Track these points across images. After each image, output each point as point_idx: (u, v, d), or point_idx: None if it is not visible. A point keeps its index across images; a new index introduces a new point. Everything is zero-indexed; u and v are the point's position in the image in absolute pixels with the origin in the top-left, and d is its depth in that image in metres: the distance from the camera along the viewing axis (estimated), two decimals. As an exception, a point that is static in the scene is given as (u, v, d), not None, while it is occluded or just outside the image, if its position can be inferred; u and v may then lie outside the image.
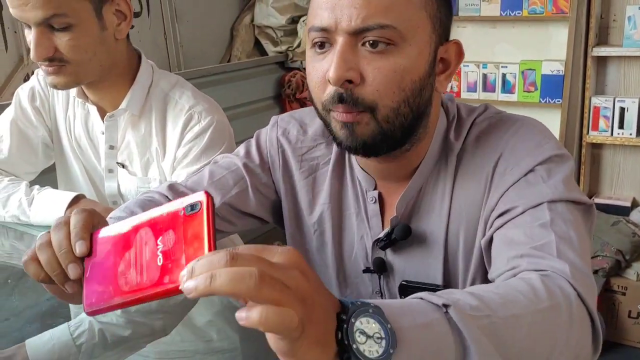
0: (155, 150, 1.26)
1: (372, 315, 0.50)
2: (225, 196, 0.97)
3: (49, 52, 1.12)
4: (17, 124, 1.34)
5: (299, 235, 0.99)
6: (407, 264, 0.89)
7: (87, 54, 1.15)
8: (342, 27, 0.74)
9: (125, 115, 1.26)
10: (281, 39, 3.20)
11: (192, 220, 0.53)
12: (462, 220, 0.84)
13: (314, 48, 0.79)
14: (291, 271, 0.47)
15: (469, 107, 0.90)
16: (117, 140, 1.28)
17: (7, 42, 2.15)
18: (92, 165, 1.35)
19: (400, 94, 0.76)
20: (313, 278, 0.49)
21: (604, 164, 2.83)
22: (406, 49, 0.75)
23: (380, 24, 0.73)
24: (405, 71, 0.76)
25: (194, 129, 1.22)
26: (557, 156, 0.80)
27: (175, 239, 0.54)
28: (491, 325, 0.56)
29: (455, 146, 0.85)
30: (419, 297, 0.57)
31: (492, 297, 0.59)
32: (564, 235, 0.71)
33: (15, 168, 1.35)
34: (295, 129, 0.98)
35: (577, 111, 2.71)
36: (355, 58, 0.75)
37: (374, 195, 0.90)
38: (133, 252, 0.57)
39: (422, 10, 0.76)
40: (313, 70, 0.79)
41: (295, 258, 0.48)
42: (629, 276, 2.50)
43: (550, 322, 0.60)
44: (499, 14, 2.71)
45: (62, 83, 1.17)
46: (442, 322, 0.54)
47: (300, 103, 3.13)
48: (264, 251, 0.48)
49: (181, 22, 2.84)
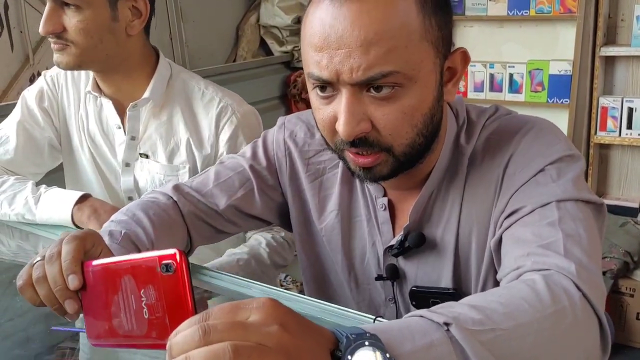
0: (187, 139, 1.28)
1: (369, 347, 0.49)
2: (230, 198, 0.96)
3: (55, 28, 1.15)
4: (23, 125, 1.34)
5: (308, 239, 0.99)
6: (419, 270, 0.88)
7: (93, 40, 1.17)
8: (344, 80, 0.72)
9: (148, 105, 1.28)
10: (287, 39, 3.19)
11: (169, 280, 0.56)
12: (473, 223, 0.83)
13: (316, 89, 0.76)
14: (269, 328, 0.45)
15: (478, 108, 0.89)
16: (139, 131, 1.29)
17: (13, 42, 2.15)
18: (106, 161, 1.35)
19: (414, 130, 0.76)
20: (294, 326, 0.47)
21: (612, 164, 2.81)
22: (412, 87, 0.73)
23: (383, 73, 0.71)
24: (415, 109, 0.74)
25: (230, 123, 1.25)
26: (568, 156, 0.79)
27: (157, 295, 0.58)
28: (496, 339, 0.55)
29: (466, 150, 0.84)
30: (419, 315, 0.56)
31: (495, 308, 0.58)
32: (572, 233, 0.70)
33: (21, 169, 1.35)
34: (302, 131, 0.97)
35: (584, 111, 2.69)
36: (362, 108, 0.73)
37: (383, 203, 0.89)
38: (121, 296, 0.61)
39: (423, 41, 0.73)
40: (319, 113, 0.78)
41: (272, 310, 0.47)
42: (637, 278, 2.48)
43: (557, 328, 0.59)
44: (506, 13, 2.70)
45: (65, 62, 1.19)
46: (444, 342, 0.53)
47: (306, 103, 3.13)
48: (238, 312, 0.47)
49: (187, 21, 2.83)
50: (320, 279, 1.00)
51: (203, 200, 0.97)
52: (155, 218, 0.90)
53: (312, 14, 0.74)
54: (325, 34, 0.71)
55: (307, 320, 0.50)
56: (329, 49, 0.71)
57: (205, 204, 0.97)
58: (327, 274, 0.99)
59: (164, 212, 0.93)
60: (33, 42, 2.21)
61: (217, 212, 0.97)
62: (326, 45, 0.71)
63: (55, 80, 1.37)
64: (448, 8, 0.79)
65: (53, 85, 1.36)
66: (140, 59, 1.26)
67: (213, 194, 0.97)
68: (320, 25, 0.72)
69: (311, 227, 0.98)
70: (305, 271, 1.02)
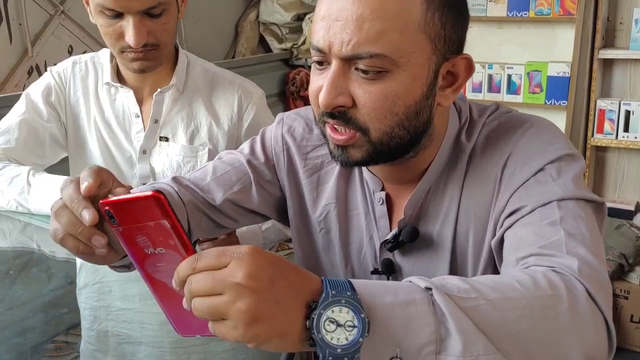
0: (208, 122, 1.34)
1: (345, 304, 0.53)
2: (227, 192, 0.97)
3: (146, 37, 1.19)
4: (26, 118, 1.35)
5: (306, 233, 0.99)
6: (415, 266, 0.88)
7: (172, 37, 1.26)
8: (334, 52, 0.73)
9: (171, 90, 1.33)
10: (286, 36, 3.19)
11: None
12: (471, 221, 0.83)
13: (314, 63, 0.79)
14: (236, 279, 0.53)
15: (480, 106, 0.89)
16: (162, 114, 1.35)
17: (12, 34, 2.14)
18: (122, 150, 1.37)
19: (394, 118, 0.76)
20: (265, 280, 0.53)
21: (609, 167, 2.82)
22: (399, 75, 0.73)
23: (371, 53, 0.71)
24: (398, 96, 0.74)
25: (252, 105, 1.35)
26: (568, 155, 0.79)
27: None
28: (478, 307, 0.57)
29: (466, 147, 0.84)
30: (409, 280, 0.60)
31: (484, 282, 0.60)
32: (574, 232, 0.70)
33: (23, 159, 1.35)
34: (300, 126, 0.98)
35: (582, 113, 2.70)
36: (346, 82, 0.74)
37: (381, 197, 0.89)
38: (152, 260, 0.62)
39: (420, 33, 0.73)
40: (312, 83, 0.80)
41: (248, 260, 0.54)
42: (632, 280, 2.50)
43: (548, 311, 0.59)
44: (506, 14, 2.71)
45: (150, 66, 1.25)
46: (424, 302, 0.56)
47: (304, 100, 3.13)
48: (221, 258, 0.55)
49: (186, 17, 2.83)
50: (315, 272, 1.00)
51: (201, 193, 0.97)
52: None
53: None
54: (330, 4, 0.73)
55: (292, 269, 0.56)
56: (329, 19, 0.73)
57: (203, 197, 0.97)
58: (323, 268, 0.99)
59: (169, 196, 0.93)
60: (32, 34, 2.20)
61: (214, 206, 0.98)
62: (327, 16, 0.73)
63: (63, 76, 1.38)
64: (462, 11, 0.78)
65: (60, 81, 1.38)
66: (173, 48, 1.33)
67: (210, 188, 0.97)
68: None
69: (308, 221, 0.98)
70: (301, 264, 1.02)
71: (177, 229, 0.58)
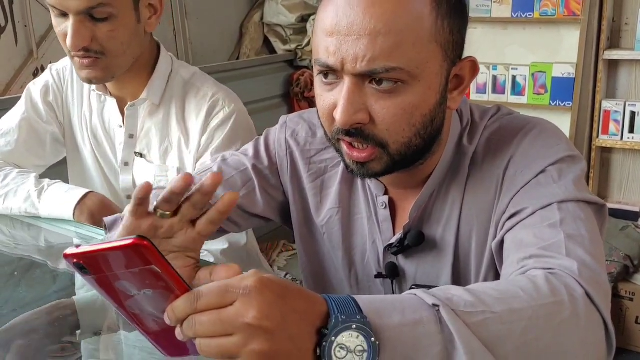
0: (178, 138, 1.26)
1: (356, 330, 0.51)
2: None
3: (86, 41, 1.11)
4: (26, 118, 1.34)
5: (309, 237, 0.99)
6: (419, 269, 0.89)
7: (123, 46, 1.15)
8: (347, 69, 0.72)
9: (146, 104, 1.27)
10: (290, 37, 3.19)
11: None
12: (474, 223, 0.83)
13: (320, 76, 0.77)
14: (248, 319, 0.49)
15: (482, 109, 0.89)
16: (137, 129, 1.29)
17: (17, 36, 2.15)
18: (107, 159, 1.35)
19: (411, 130, 0.75)
20: (278, 315, 0.50)
21: (614, 168, 2.81)
22: (415, 86, 0.73)
23: (387, 67, 0.71)
24: (415, 107, 0.74)
25: (219, 115, 1.23)
26: (569, 157, 0.79)
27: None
28: (485, 321, 0.56)
29: (468, 150, 0.84)
30: (414, 294, 0.58)
31: (489, 294, 0.59)
32: (574, 234, 0.70)
33: (24, 161, 1.35)
34: (304, 130, 0.97)
35: (587, 115, 2.69)
36: (362, 98, 0.73)
37: (384, 201, 0.89)
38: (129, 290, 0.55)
39: (432, 42, 0.73)
40: (321, 99, 0.78)
41: (257, 296, 0.50)
42: (637, 282, 2.48)
43: (553, 319, 0.59)
44: (510, 15, 2.70)
45: (98, 77, 1.17)
46: (432, 321, 0.55)
47: (308, 102, 3.13)
48: (226, 295, 0.51)
49: (191, 18, 2.83)
50: (319, 277, 1.00)
51: None
52: None
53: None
54: (337, 19, 0.71)
55: (298, 296, 0.53)
56: (339, 35, 0.71)
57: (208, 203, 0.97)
58: (327, 272, 0.99)
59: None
60: (37, 36, 2.21)
61: None
62: (336, 31, 0.71)
63: (61, 75, 1.36)
64: (464, 14, 0.78)
65: (59, 80, 1.36)
66: (148, 56, 1.26)
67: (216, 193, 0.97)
68: (334, 10, 0.72)
69: (312, 225, 0.98)
70: (305, 269, 1.02)
71: (169, 273, 0.52)
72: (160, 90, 1.26)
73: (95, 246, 0.51)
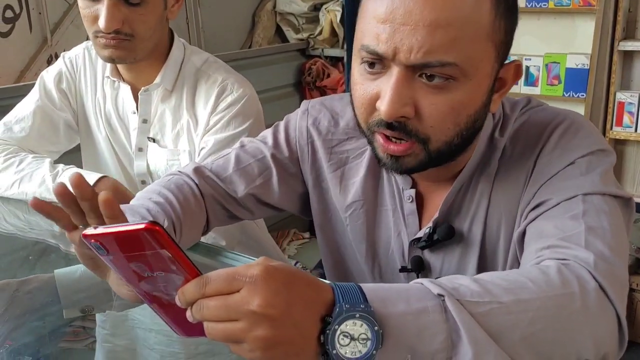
0: (187, 122, 1.28)
1: (359, 318, 0.52)
2: (249, 186, 0.96)
3: (119, 24, 1.16)
4: (40, 105, 1.36)
5: (329, 228, 0.98)
6: (444, 263, 0.88)
7: (150, 31, 1.20)
8: (399, 59, 0.68)
9: (159, 89, 1.29)
10: (303, 26, 3.18)
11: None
12: (502, 216, 0.82)
13: (364, 64, 0.73)
14: (252, 307, 0.51)
15: (512, 100, 0.87)
16: (150, 114, 1.31)
17: (32, 23, 2.17)
18: (121, 145, 1.36)
19: (455, 129, 0.73)
20: (282, 303, 0.51)
21: (627, 160, 2.79)
22: (466, 84, 0.70)
23: (442, 62, 0.68)
24: (463, 106, 0.72)
25: (227, 99, 1.26)
26: (600, 150, 0.77)
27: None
28: (491, 311, 0.56)
29: (500, 143, 0.83)
30: (420, 283, 0.58)
31: (497, 283, 0.59)
32: (595, 226, 0.69)
33: (38, 147, 1.37)
34: (326, 119, 0.95)
35: (601, 106, 2.67)
36: (410, 91, 0.70)
37: (410, 194, 0.87)
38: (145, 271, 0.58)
39: (489, 41, 0.71)
40: (361, 88, 0.74)
41: (262, 285, 0.52)
42: (649, 275, 2.47)
43: (562, 311, 0.59)
44: (525, 5, 2.67)
45: (121, 56, 1.20)
46: (437, 310, 0.55)
47: (320, 91, 3.12)
48: (233, 282, 0.53)
49: (203, 7, 2.83)
50: (340, 267, 1.00)
51: (222, 185, 0.97)
52: (184, 202, 0.90)
53: None
54: (394, 6, 0.68)
55: (304, 284, 0.54)
56: (393, 23, 0.68)
57: (223, 189, 0.97)
58: (348, 263, 0.98)
59: (191, 196, 0.93)
60: (51, 23, 2.22)
61: (234, 198, 0.97)
62: (391, 18, 0.68)
63: (74, 62, 1.38)
64: (516, 16, 0.76)
65: (72, 67, 1.37)
66: (164, 44, 1.29)
67: (232, 180, 0.96)
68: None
69: (331, 215, 0.97)
70: (327, 259, 1.02)
71: (179, 257, 0.54)
72: (173, 77, 1.29)
73: (111, 228, 0.54)
